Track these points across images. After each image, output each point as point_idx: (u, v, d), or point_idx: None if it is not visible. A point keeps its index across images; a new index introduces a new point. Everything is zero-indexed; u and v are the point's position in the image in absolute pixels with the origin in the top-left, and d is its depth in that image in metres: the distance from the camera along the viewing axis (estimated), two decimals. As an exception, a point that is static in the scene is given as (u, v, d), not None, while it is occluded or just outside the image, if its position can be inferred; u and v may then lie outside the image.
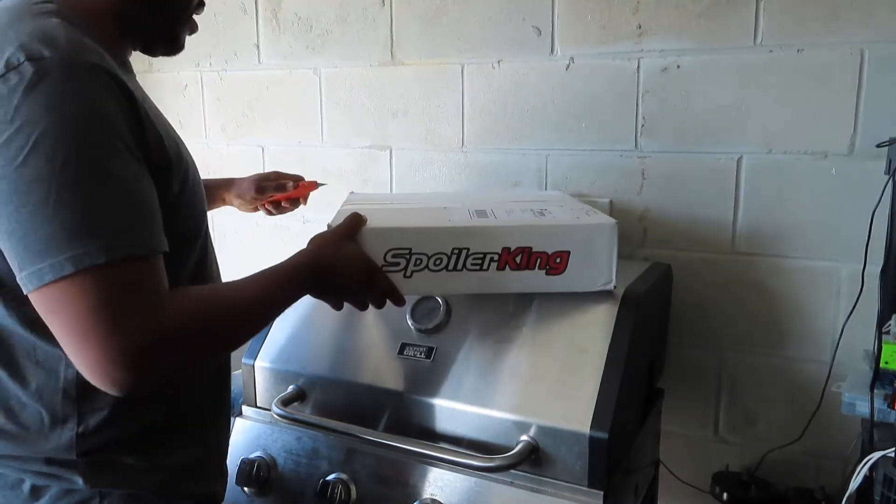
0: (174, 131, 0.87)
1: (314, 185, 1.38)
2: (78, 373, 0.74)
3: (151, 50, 0.93)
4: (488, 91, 1.60)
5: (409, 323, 1.17)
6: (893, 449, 1.01)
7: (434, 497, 1.07)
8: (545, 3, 1.50)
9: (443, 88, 1.64)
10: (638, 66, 1.44)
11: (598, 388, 1.01)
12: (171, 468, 0.88)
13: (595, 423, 0.98)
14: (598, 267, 1.08)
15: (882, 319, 1.19)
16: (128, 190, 0.71)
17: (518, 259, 1.05)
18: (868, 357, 1.20)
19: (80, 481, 0.81)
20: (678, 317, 1.48)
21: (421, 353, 1.14)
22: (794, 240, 1.38)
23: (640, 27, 1.43)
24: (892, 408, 1.04)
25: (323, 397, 1.19)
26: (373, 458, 1.12)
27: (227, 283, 0.86)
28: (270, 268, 0.88)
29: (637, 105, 1.46)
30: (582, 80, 1.50)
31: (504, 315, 1.13)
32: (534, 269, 1.06)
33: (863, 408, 1.07)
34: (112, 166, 0.70)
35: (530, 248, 1.05)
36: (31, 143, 0.66)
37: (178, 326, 0.72)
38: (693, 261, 1.47)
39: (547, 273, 1.06)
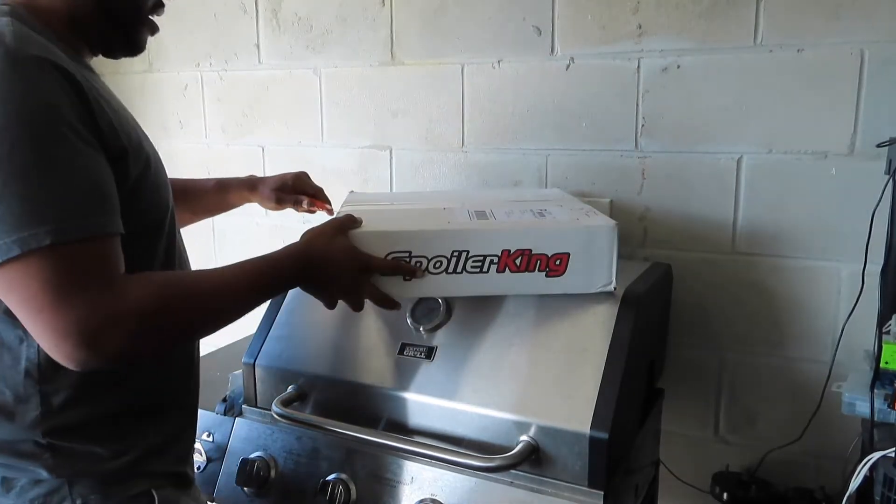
0: (137, 125, 0.89)
1: (325, 208, 1.33)
2: (39, 353, 0.78)
3: (111, 52, 0.94)
4: (488, 91, 1.60)
5: (409, 323, 1.17)
6: (893, 449, 1.01)
7: (434, 497, 1.07)
8: (545, 3, 1.50)
9: (443, 88, 1.64)
10: (638, 66, 1.44)
11: (598, 388, 1.01)
12: (135, 451, 0.88)
13: (595, 423, 0.98)
14: (599, 268, 1.08)
15: (882, 319, 1.19)
16: (77, 174, 0.73)
17: (518, 261, 1.05)
18: (868, 357, 1.20)
19: (43, 473, 0.82)
20: (678, 317, 1.48)
21: (421, 353, 1.14)
22: (794, 240, 1.38)
23: (640, 27, 1.43)
24: (892, 408, 1.04)
25: (323, 397, 1.19)
26: (373, 458, 1.12)
27: (201, 270, 0.87)
28: (256, 257, 0.89)
29: (637, 105, 1.46)
30: (582, 80, 1.50)
31: (504, 315, 1.13)
32: (534, 270, 1.06)
33: (863, 408, 1.07)
34: (59, 152, 0.72)
35: (530, 251, 1.05)
36: None
37: (133, 307, 0.73)
38: (693, 261, 1.47)
39: (547, 275, 1.06)
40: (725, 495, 1.37)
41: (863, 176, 1.30)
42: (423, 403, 1.10)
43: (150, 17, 0.94)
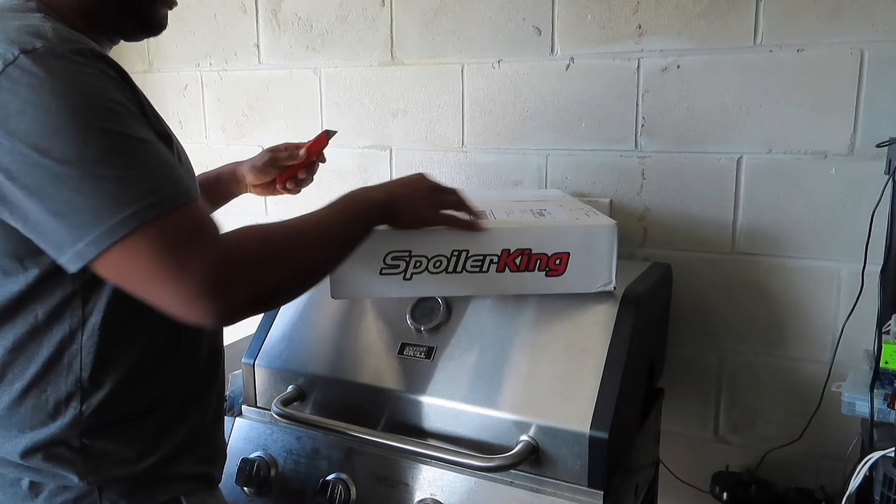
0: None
1: (325, 138, 1.29)
2: (82, 352, 0.79)
3: (131, 35, 0.93)
4: (488, 91, 1.60)
5: (409, 323, 1.17)
6: (893, 449, 1.01)
7: (434, 497, 1.07)
8: (545, 3, 1.50)
9: (443, 88, 1.64)
10: (638, 66, 1.44)
11: (598, 388, 1.01)
12: (164, 449, 0.88)
13: (595, 423, 0.98)
14: (598, 268, 1.08)
15: (882, 319, 1.19)
16: (151, 150, 0.75)
17: (518, 261, 1.05)
18: (868, 357, 1.20)
19: (74, 478, 0.82)
20: (678, 317, 1.48)
21: (421, 353, 1.14)
22: (794, 240, 1.38)
23: (640, 27, 1.43)
24: (892, 408, 1.04)
25: (323, 397, 1.19)
26: (373, 458, 1.13)
27: (293, 218, 0.88)
28: (331, 202, 0.91)
29: (637, 105, 1.46)
30: (582, 80, 1.50)
31: (504, 315, 1.13)
32: (533, 270, 1.06)
33: (863, 408, 1.07)
34: (130, 132, 0.73)
35: (530, 250, 1.05)
36: (51, 130, 0.69)
37: (241, 252, 0.76)
38: (693, 261, 1.47)
39: (546, 274, 1.06)
40: (725, 495, 1.37)
41: (863, 176, 1.30)
42: (423, 403, 1.11)
43: None
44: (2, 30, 0.74)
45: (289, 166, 1.28)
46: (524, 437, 1.03)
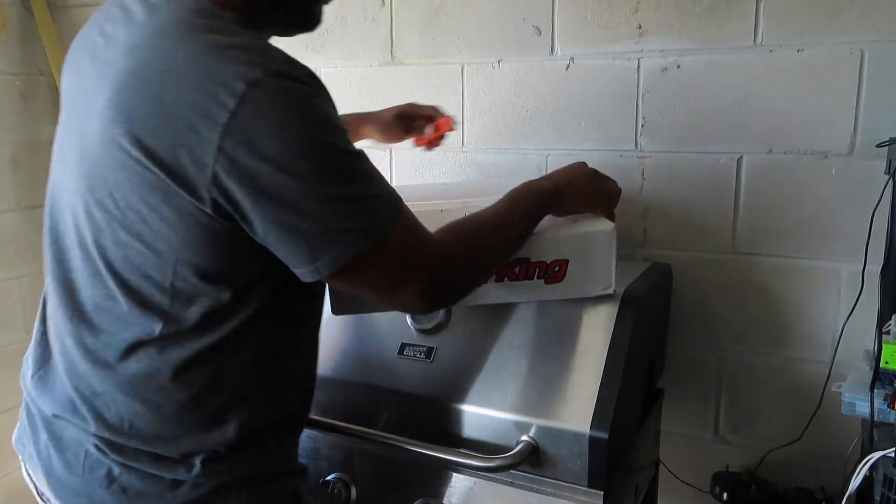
0: None
1: (448, 124, 1.34)
2: (239, 374, 0.85)
3: (287, 32, 0.95)
4: (488, 91, 1.60)
5: (409, 323, 1.17)
6: (893, 449, 1.01)
7: (434, 497, 1.07)
8: (545, 3, 1.50)
9: (443, 88, 1.64)
10: (638, 66, 1.44)
11: (598, 388, 1.01)
12: (286, 449, 0.94)
13: (595, 423, 0.98)
14: (598, 273, 1.07)
15: (882, 319, 1.19)
16: (370, 166, 0.82)
17: (517, 270, 1.04)
18: (868, 357, 1.20)
19: (212, 477, 0.85)
20: (678, 317, 1.48)
21: (421, 353, 1.14)
22: (794, 240, 1.38)
23: (640, 27, 1.43)
24: (892, 408, 1.04)
25: (323, 397, 1.18)
26: (373, 458, 1.13)
27: (478, 213, 0.96)
28: (506, 196, 0.98)
29: (637, 105, 1.46)
30: (582, 80, 1.50)
31: (504, 315, 1.13)
32: (532, 278, 1.05)
33: (863, 408, 1.07)
34: (354, 150, 0.80)
35: (528, 259, 1.04)
36: (296, 152, 0.73)
37: (451, 265, 0.87)
38: (693, 261, 1.47)
39: (546, 282, 1.06)
40: (725, 495, 1.37)
41: (863, 176, 1.30)
42: (423, 403, 1.11)
43: None
44: (226, 47, 0.75)
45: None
46: (524, 437, 1.02)
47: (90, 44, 0.85)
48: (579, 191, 1.07)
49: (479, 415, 1.06)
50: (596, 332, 1.07)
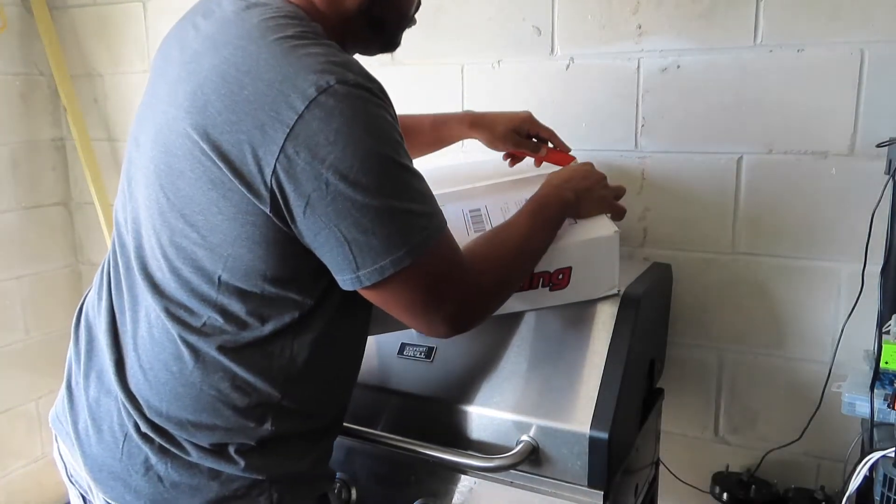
0: None
1: (567, 161, 1.30)
2: (292, 363, 0.85)
3: (368, 51, 0.98)
4: (488, 91, 1.60)
5: (409, 323, 1.17)
6: (893, 449, 1.01)
7: (434, 497, 1.07)
8: (545, 3, 1.50)
9: (443, 88, 1.64)
10: (638, 66, 1.44)
11: (598, 388, 1.01)
12: (320, 451, 0.95)
13: (595, 423, 0.98)
14: (602, 276, 1.07)
15: (882, 319, 1.19)
16: (424, 183, 0.82)
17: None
18: (868, 357, 1.20)
19: (251, 471, 0.85)
20: (678, 317, 1.48)
21: (421, 353, 1.14)
22: (794, 240, 1.38)
23: (640, 27, 1.43)
24: (892, 408, 1.04)
25: (323, 397, 1.19)
26: (373, 458, 1.13)
27: (494, 229, 0.98)
28: (532, 211, 1.00)
29: (637, 105, 1.46)
30: (582, 80, 1.50)
31: (504, 315, 1.13)
32: (537, 287, 1.05)
33: (863, 408, 1.07)
34: (411, 166, 0.80)
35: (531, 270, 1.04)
36: (358, 163, 0.73)
37: (481, 291, 0.89)
38: (693, 261, 1.47)
39: (551, 289, 1.06)
40: (725, 495, 1.37)
41: (863, 176, 1.30)
42: (423, 403, 1.11)
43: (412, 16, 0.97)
44: (307, 54, 0.76)
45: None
46: (524, 437, 1.02)
47: (182, 33, 0.87)
48: (598, 195, 1.10)
49: (479, 415, 1.06)
50: (596, 332, 1.07)
